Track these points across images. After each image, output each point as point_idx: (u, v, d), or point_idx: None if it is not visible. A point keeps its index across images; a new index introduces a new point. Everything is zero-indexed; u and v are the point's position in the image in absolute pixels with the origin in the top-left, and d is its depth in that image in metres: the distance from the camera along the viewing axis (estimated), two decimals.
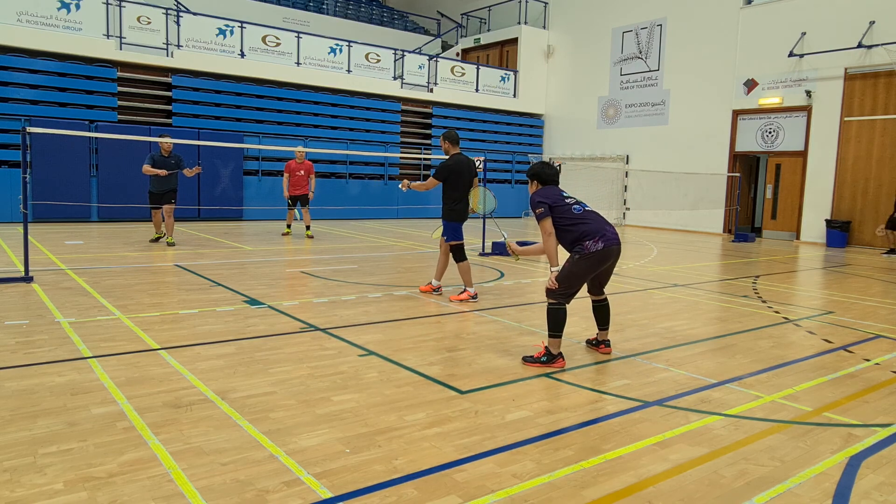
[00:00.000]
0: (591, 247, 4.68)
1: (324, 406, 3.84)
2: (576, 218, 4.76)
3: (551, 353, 4.77)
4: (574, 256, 4.74)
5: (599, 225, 4.78)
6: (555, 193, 4.88)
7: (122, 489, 2.77)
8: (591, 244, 4.68)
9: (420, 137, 21.24)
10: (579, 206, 4.85)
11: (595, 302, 5.23)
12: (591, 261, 4.72)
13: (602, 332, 5.27)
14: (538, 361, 4.76)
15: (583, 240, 4.70)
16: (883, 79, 15.29)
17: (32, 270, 7.75)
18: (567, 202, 4.83)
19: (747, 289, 8.77)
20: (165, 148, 10.82)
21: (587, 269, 4.77)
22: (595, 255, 4.69)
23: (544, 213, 4.75)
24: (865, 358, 5.33)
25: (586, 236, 4.70)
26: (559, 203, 4.80)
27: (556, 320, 4.74)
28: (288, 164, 13.25)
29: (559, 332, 4.74)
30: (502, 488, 2.88)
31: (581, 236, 4.71)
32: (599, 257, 4.72)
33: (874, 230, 15.30)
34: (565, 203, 4.82)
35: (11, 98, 14.47)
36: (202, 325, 5.71)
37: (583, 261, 4.70)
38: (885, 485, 3.05)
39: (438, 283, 7.57)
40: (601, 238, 4.70)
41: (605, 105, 21.76)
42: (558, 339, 4.77)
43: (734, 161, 18.40)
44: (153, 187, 10.99)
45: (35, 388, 3.96)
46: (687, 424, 3.74)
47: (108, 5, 15.40)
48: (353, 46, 19.50)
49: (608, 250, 4.73)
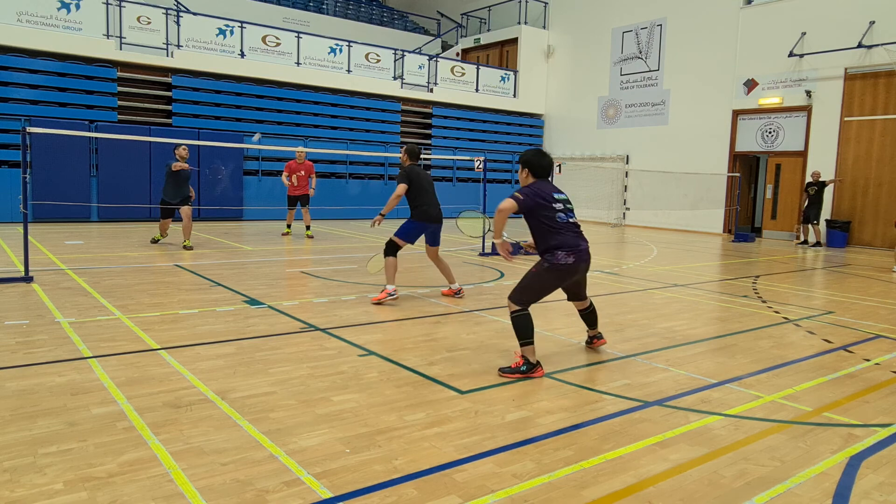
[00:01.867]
0: (562, 259, 4.61)
1: (324, 406, 3.84)
2: (559, 225, 4.67)
3: (529, 362, 4.58)
4: (543, 265, 4.67)
5: (576, 240, 4.71)
6: (546, 192, 4.75)
7: (122, 489, 2.77)
8: (563, 256, 4.61)
9: (420, 137, 21.23)
10: (565, 216, 4.74)
11: (581, 311, 5.22)
12: (559, 273, 4.66)
13: (591, 330, 5.30)
14: (517, 371, 4.55)
15: (558, 249, 4.62)
16: (883, 79, 15.29)
17: (32, 270, 7.75)
18: (555, 206, 4.71)
19: (747, 289, 8.76)
20: (182, 156, 10.73)
21: (553, 282, 4.71)
22: (564, 268, 4.63)
23: (522, 204, 4.65)
24: (865, 358, 5.32)
25: (562, 247, 4.62)
26: (547, 203, 4.69)
27: (523, 327, 4.58)
28: (288, 164, 13.26)
29: (530, 338, 4.58)
30: (502, 488, 2.88)
31: (558, 245, 4.63)
32: (568, 271, 4.66)
33: (875, 231, 15.32)
34: (553, 207, 4.70)
35: (11, 98, 14.46)
36: (202, 325, 5.71)
37: (552, 272, 4.64)
38: (886, 485, 3.05)
39: (458, 285, 7.60)
40: (574, 253, 4.64)
41: (605, 105, 21.76)
42: (531, 346, 4.59)
43: (734, 161, 18.39)
44: (167, 196, 10.86)
45: (35, 388, 3.96)
46: (687, 424, 3.74)
47: (108, 5, 15.39)
48: (353, 46, 19.50)
49: (577, 266, 4.69)
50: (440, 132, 21.52)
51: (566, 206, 4.84)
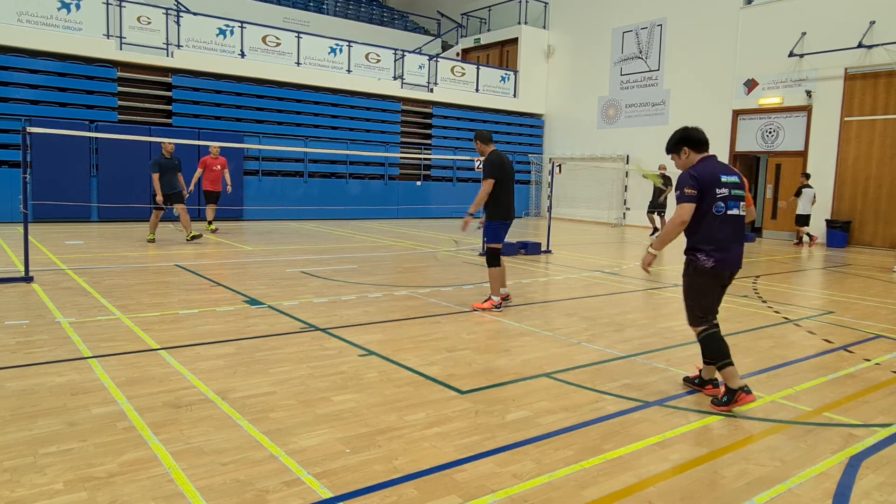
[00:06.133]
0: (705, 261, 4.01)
1: (324, 406, 3.84)
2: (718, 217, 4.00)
3: (730, 389, 3.97)
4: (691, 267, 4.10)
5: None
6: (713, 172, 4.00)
7: (122, 489, 2.77)
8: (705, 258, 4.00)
9: (420, 137, 21.23)
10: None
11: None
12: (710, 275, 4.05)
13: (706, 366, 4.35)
14: (720, 404, 3.98)
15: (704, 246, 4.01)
16: (883, 79, 15.29)
17: (32, 270, 7.75)
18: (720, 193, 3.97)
19: (747, 289, 8.76)
20: (168, 149, 11.34)
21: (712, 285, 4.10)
22: (710, 271, 4.03)
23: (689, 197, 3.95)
24: (865, 358, 5.32)
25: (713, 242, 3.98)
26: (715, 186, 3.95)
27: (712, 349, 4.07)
28: (203, 159, 13.54)
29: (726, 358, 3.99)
30: (502, 488, 2.88)
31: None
32: (713, 274, 4.05)
33: (875, 231, 15.32)
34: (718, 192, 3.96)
35: (11, 98, 14.46)
36: (202, 325, 5.71)
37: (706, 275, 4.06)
38: (886, 485, 3.05)
39: (507, 291, 7.12)
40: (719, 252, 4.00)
41: (605, 105, 21.75)
42: (730, 367, 3.98)
43: (734, 161, 18.38)
44: (170, 188, 11.39)
45: (35, 388, 3.96)
46: (687, 424, 3.74)
47: (109, 5, 15.39)
48: (353, 46, 19.50)
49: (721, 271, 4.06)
50: (440, 132, 21.51)
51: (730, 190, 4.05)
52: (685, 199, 3.95)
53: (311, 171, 18.67)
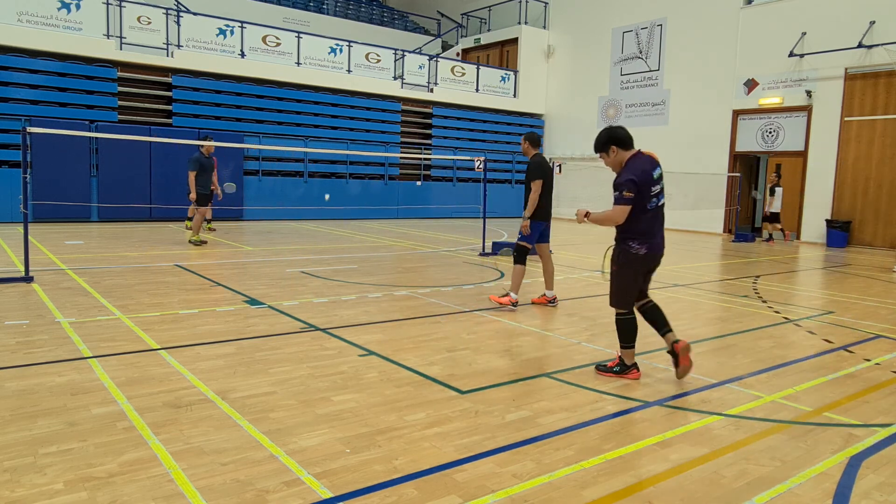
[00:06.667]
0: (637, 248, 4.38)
1: (324, 406, 3.84)
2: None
3: (624, 363, 4.57)
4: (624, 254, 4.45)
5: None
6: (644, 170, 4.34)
7: (123, 489, 2.77)
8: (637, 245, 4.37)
9: (420, 137, 21.24)
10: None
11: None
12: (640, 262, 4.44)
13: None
14: (611, 371, 4.58)
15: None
16: (883, 79, 15.29)
17: (32, 270, 7.75)
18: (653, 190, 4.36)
19: (747, 289, 8.76)
20: (208, 149, 11.39)
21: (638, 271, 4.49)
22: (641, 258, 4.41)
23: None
24: (866, 358, 5.32)
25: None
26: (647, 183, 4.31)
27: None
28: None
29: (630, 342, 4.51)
30: (502, 488, 2.88)
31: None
32: (644, 260, 4.43)
33: (875, 231, 15.32)
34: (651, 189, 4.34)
35: (11, 98, 14.47)
36: (202, 325, 5.71)
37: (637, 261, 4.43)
38: (886, 485, 3.05)
39: (553, 293, 7.22)
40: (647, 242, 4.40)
41: (605, 105, 21.75)
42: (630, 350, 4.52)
43: (734, 161, 18.39)
44: (202, 188, 11.33)
45: (35, 388, 3.96)
46: (687, 424, 3.74)
47: (109, 5, 15.40)
48: (353, 46, 19.50)
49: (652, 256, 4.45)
50: (440, 132, 21.52)
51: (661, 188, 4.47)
52: (624, 201, 4.27)
53: (311, 171, 18.67)
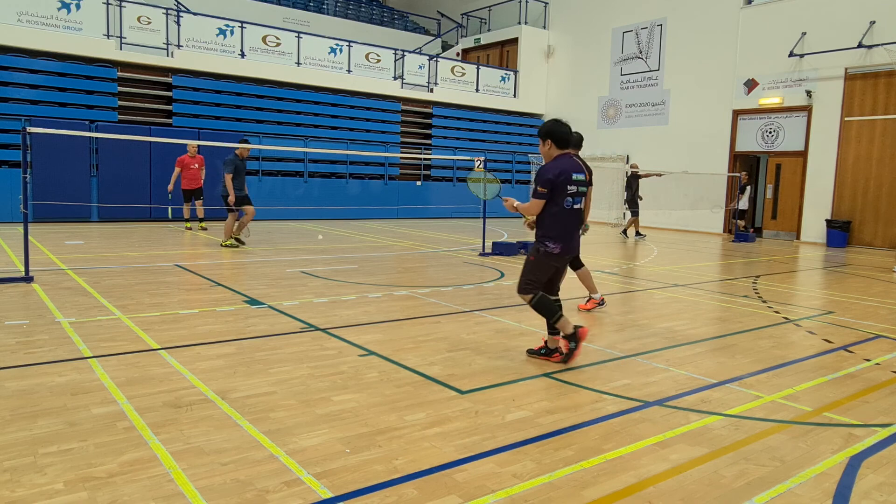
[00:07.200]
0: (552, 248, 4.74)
1: (324, 406, 3.84)
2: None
3: (549, 348, 4.94)
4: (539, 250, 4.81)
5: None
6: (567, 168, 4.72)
7: (122, 489, 2.77)
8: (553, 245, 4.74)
9: (420, 137, 21.24)
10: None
11: None
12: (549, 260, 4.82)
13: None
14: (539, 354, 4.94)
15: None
16: (883, 79, 15.29)
17: (32, 270, 7.75)
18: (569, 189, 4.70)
19: (748, 289, 8.76)
20: (243, 153, 11.10)
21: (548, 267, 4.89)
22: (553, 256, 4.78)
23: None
24: (866, 358, 5.32)
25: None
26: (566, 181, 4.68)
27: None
28: (181, 158, 13.56)
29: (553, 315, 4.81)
30: (502, 488, 2.88)
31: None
32: (557, 258, 4.81)
33: (875, 231, 15.32)
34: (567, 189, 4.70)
35: (11, 98, 14.47)
36: (202, 325, 5.71)
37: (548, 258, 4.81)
38: (886, 485, 3.05)
39: (599, 295, 7.04)
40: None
41: (605, 105, 21.76)
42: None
43: (734, 161, 18.39)
44: (240, 191, 11.07)
45: (35, 388, 3.96)
46: (687, 424, 3.74)
47: (109, 5, 15.40)
48: (353, 46, 19.50)
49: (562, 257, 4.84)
50: (440, 132, 21.52)
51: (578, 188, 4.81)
52: (538, 195, 4.66)
53: (311, 171, 18.67)
